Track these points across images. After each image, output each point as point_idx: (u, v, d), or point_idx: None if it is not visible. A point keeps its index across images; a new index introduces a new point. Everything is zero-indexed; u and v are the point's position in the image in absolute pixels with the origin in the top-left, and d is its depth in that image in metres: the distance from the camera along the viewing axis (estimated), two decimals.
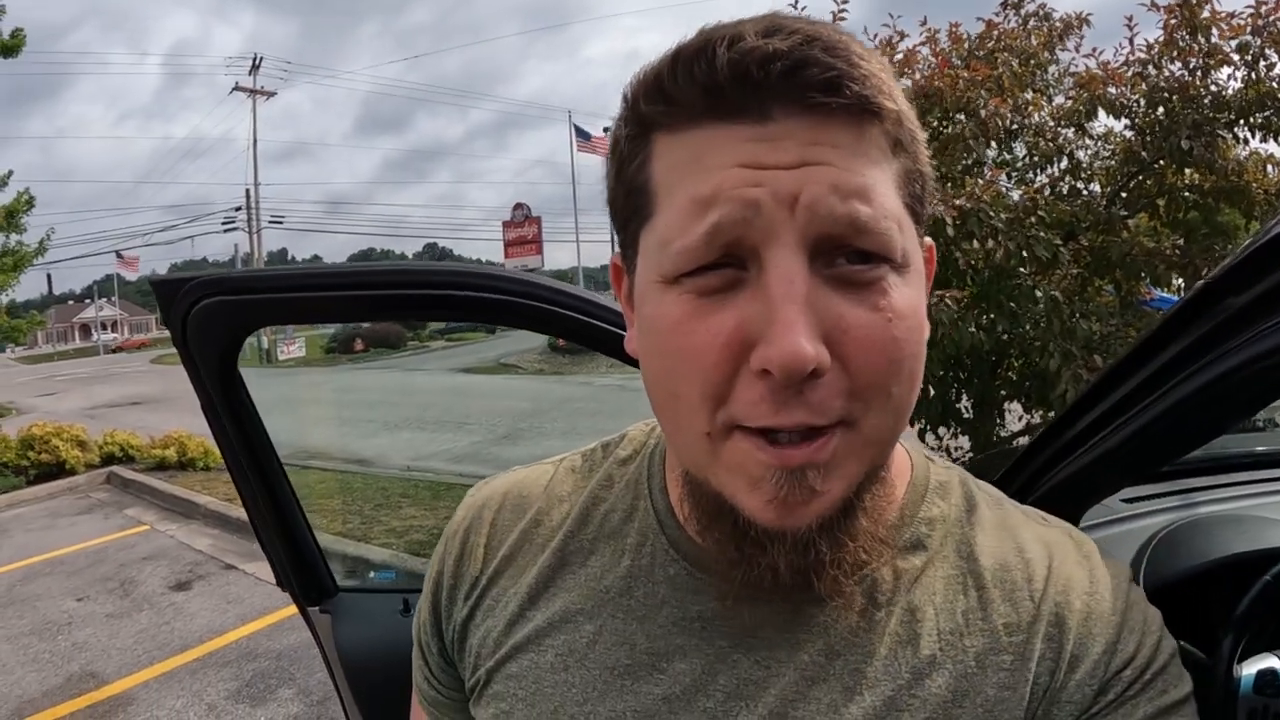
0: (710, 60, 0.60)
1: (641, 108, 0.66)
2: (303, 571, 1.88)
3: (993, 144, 5.42)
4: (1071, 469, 1.24)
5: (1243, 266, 0.85)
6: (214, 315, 1.50)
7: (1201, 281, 0.95)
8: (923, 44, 5.75)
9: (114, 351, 76.05)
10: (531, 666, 0.81)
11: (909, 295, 0.64)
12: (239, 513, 8.39)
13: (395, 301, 1.51)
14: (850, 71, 0.60)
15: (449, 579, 0.91)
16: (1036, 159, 5.59)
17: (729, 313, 0.61)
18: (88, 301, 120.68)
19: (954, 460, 6.04)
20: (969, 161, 5.17)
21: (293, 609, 5.94)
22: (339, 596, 1.92)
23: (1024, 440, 5.44)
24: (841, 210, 0.60)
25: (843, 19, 5.71)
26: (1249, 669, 1.30)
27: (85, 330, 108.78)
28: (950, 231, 4.37)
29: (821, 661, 0.73)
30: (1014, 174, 5.83)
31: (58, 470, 11.90)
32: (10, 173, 13.01)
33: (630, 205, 0.69)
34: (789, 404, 0.60)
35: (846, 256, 0.61)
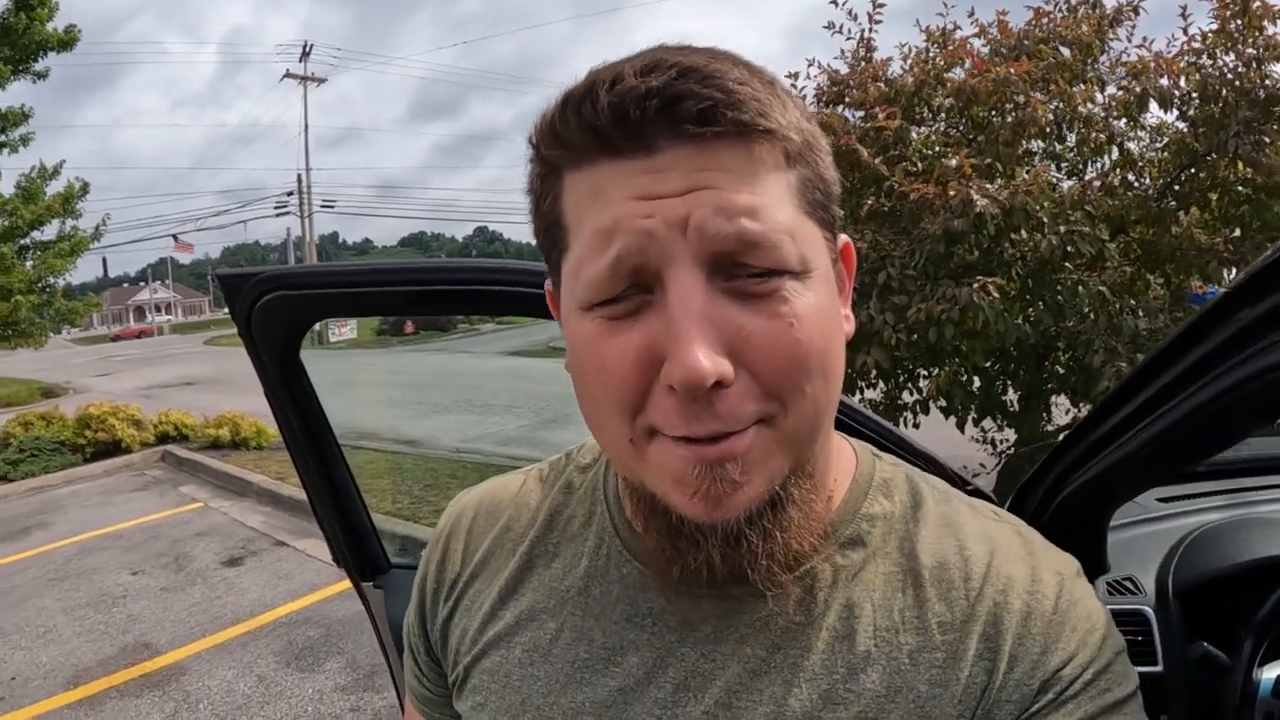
0: (593, 104, 0.64)
1: (543, 151, 0.71)
2: (357, 548, 1.94)
3: (1035, 138, 5.39)
4: (1099, 467, 1.26)
5: (1258, 278, 0.87)
6: (277, 308, 1.55)
7: (1223, 289, 0.97)
8: (975, 35, 5.72)
9: (113, 340, 74.44)
10: (502, 662, 0.87)
11: (812, 299, 0.67)
12: (290, 491, 8.63)
13: (451, 296, 1.54)
14: (726, 99, 0.63)
15: (431, 583, 0.97)
16: (1087, 151, 5.54)
17: (637, 331, 0.65)
18: (142, 284, 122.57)
19: (998, 452, 6.03)
20: (998, 154, 5.14)
21: (342, 585, 6.17)
22: (391, 572, 1.98)
23: None
24: (729, 229, 0.63)
25: (882, 6, 5.70)
26: (1269, 673, 1.32)
27: (140, 312, 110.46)
28: (992, 229, 4.36)
29: (764, 655, 0.76)
30: (1064, 164, 5.79)
31: (114, 448, 12.18)
32: (62, 162, 13.23)
33: (549, 238, 0.74)
34: (700, 415, 0.64)
35: (747, 270, 0.65)
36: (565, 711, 0.81)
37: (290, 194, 42.14)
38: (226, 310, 1.63)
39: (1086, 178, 5.52)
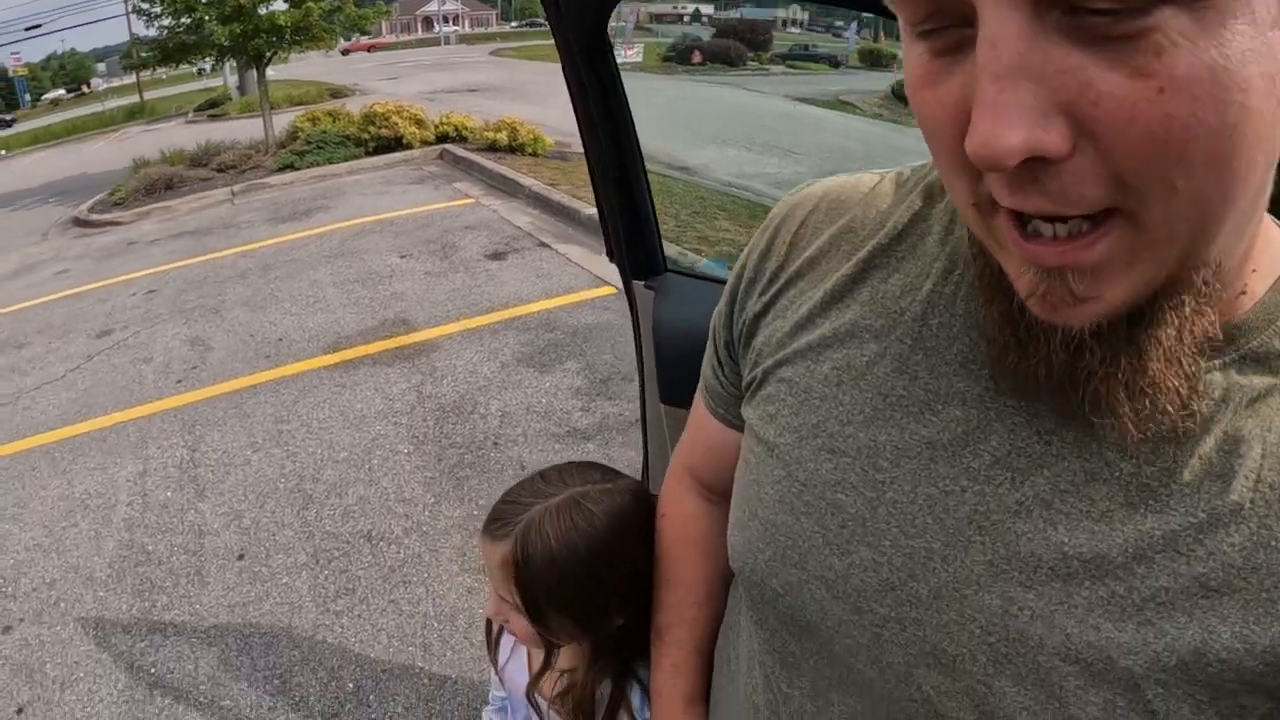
0: None
1: None
2: (637, 244, 1.89)
3: None
4: None
5: None
6: None
7: None
8: None
9: (343, 54, 77.06)
10: (805, 374, 0.77)
11: (1201, 51, 0.43)
12: (560, 197, 8.82)
13: None
14: None
15: (750, 272, 0.87)
16: None
17: (956, 80, 0.50)
18: None
19: None
20: None
21: (596, 291, 6.32)
22: (666, 276, 1.92)
23: None
24: None
25: None
26: None
27: (427, 23, 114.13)
28: None
29: (1112, 459, 0.60)
30: None
31: (395, 144, 12.92)
32: None
33: None
34: (1025, 189, 0.49)
35: None
36: (861, 447, 0.71)
37: None
38: (512, 24, 1.56)
39: None
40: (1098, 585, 0.60)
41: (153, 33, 14.45)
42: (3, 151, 26.89)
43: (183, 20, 13.20)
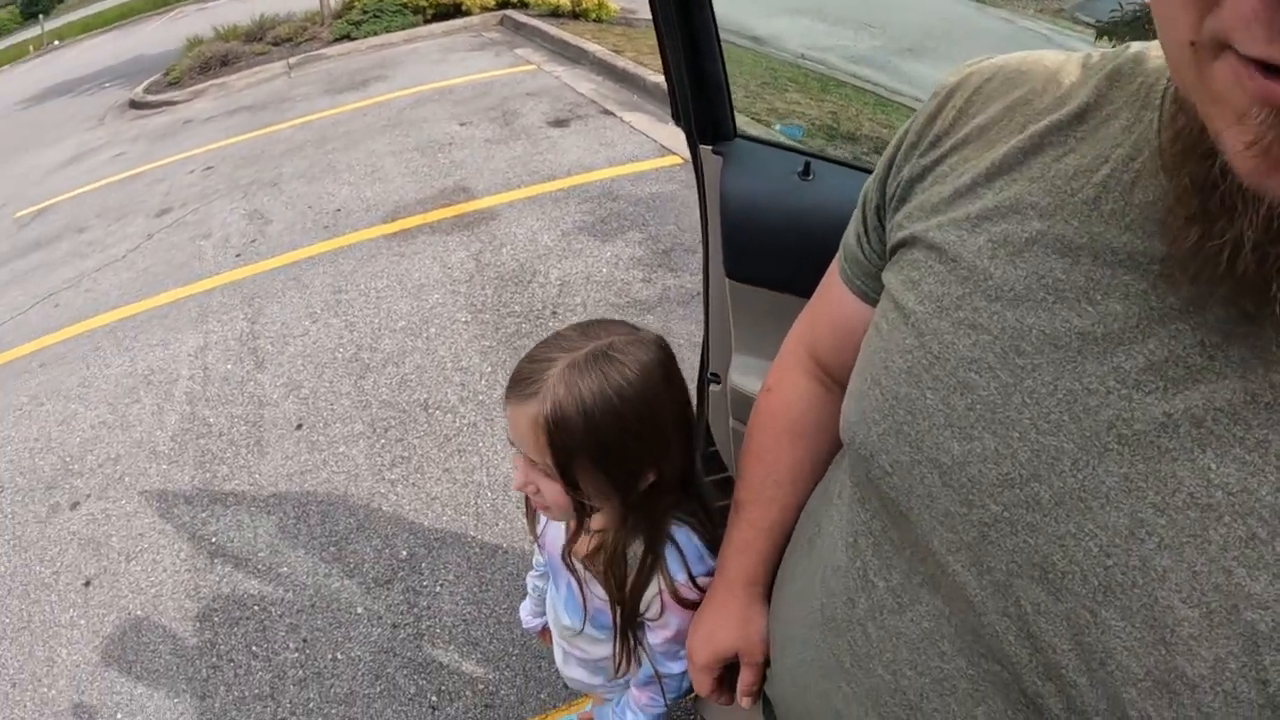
0: None
1: None
2: (705, 107, 1.79)
3: None
4: None
5: None
6: None
7: None
8: None
9: None
10: (958, 243, 0.74)
11: None
12: (624, 64, 8.59)
13: None
14: None
15: (913, 135, 0.85)
16: None
17: None
18: None
19: None
20: None
21: (660, 161, 6.24)
22: (736, 141, 1.83)
23: None
24: None
25: None
26: None
27: None
28: None
29: None
30: None
31: (454, 11, 12.71)
32: None
33: None
34: None
35: None
36: (1005, 326, 0.68)
37: None
38: None
39: None
40: (1238, 523, 0.55)
41: None
42: (56, 42, 27.15)
43: None
